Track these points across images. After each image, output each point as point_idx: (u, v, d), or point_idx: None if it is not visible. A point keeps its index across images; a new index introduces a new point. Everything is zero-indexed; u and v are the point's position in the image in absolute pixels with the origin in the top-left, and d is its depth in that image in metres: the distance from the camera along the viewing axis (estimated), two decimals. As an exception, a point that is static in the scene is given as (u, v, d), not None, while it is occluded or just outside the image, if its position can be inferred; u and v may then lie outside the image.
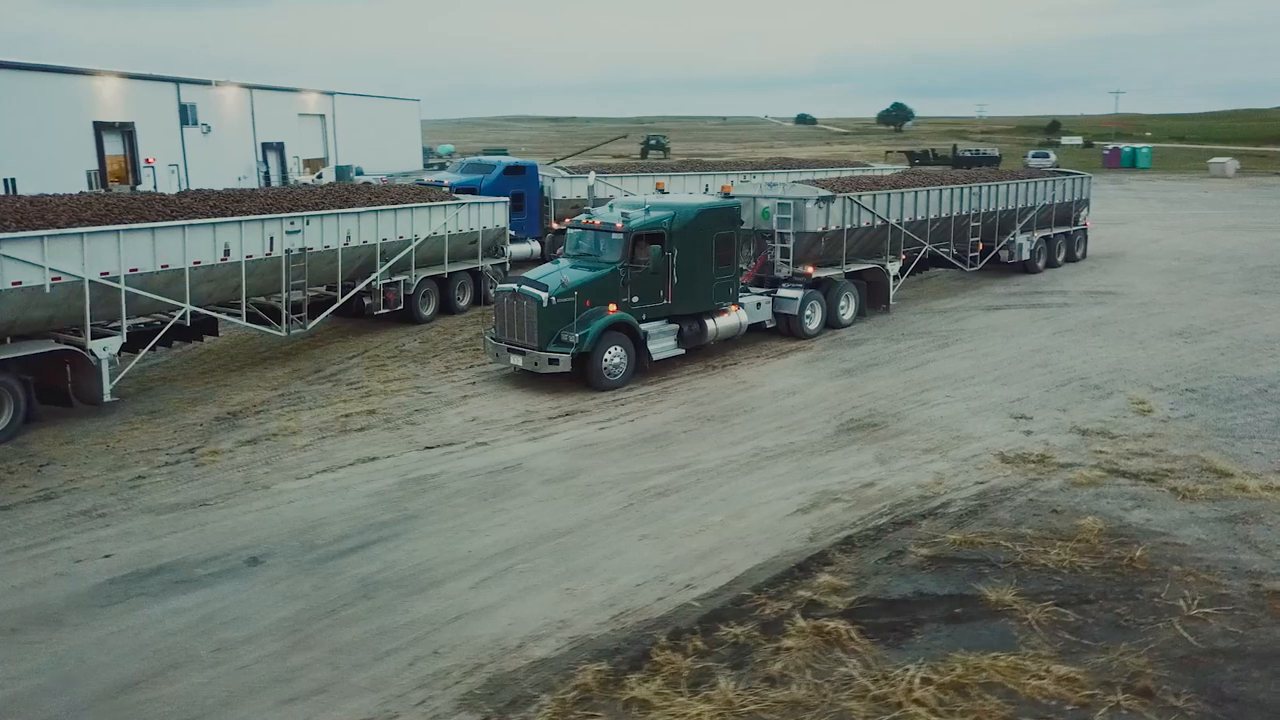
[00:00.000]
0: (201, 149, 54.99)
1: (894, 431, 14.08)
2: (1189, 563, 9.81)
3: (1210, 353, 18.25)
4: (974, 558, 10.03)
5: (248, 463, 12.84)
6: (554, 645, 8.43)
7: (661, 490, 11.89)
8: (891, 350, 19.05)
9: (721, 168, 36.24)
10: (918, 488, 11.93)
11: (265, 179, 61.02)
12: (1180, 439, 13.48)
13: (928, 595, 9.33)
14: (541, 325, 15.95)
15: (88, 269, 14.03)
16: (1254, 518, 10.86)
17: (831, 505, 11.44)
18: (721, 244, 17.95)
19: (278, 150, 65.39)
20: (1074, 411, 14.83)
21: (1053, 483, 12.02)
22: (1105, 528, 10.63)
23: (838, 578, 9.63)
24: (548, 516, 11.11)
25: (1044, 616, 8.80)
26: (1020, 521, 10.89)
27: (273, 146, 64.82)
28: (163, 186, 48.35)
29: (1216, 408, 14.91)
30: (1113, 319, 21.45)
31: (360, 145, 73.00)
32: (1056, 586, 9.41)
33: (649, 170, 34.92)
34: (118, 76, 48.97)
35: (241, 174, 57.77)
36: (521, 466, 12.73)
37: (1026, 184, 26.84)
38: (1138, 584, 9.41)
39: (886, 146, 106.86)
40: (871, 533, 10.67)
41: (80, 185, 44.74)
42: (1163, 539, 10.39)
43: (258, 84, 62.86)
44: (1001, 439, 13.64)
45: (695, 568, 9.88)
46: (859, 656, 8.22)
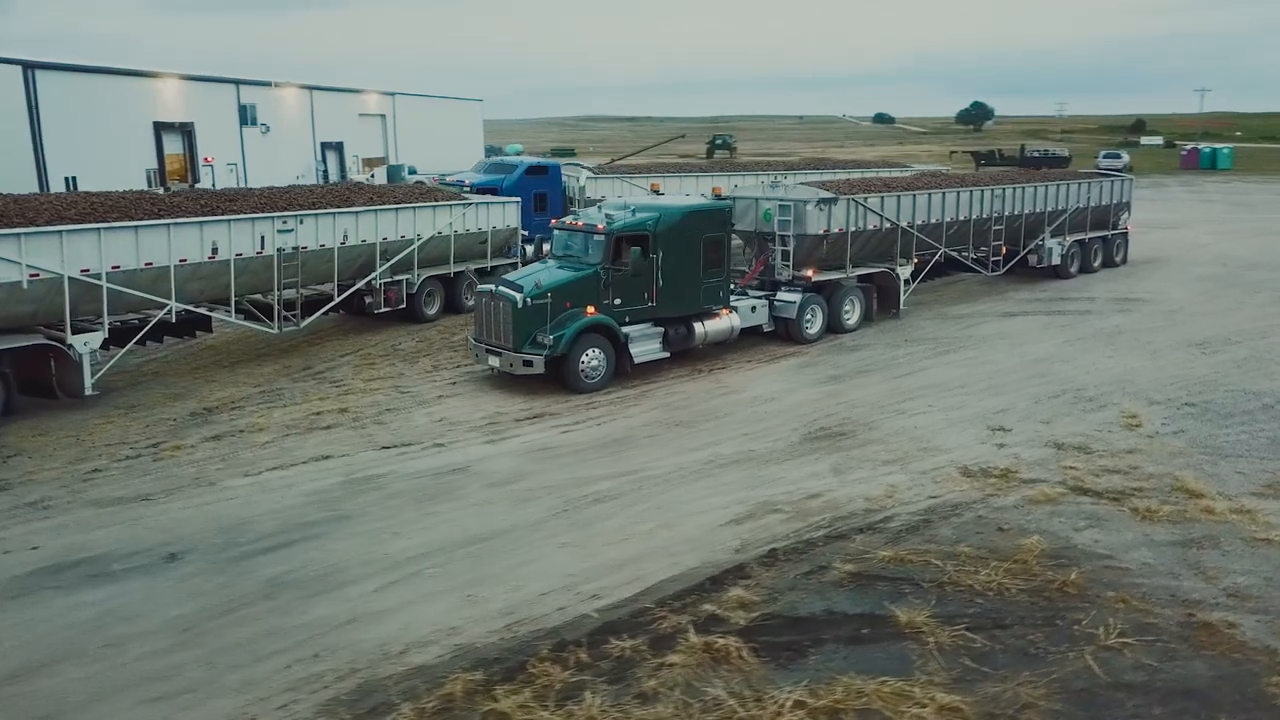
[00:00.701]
0: (260, 148, 56.34)
1: (860, 441, 13.66)
2: (1125, 588, 9.28)
3: (1225, 365, 17.35)
4: (899, 576, 9.65)
5: (205, 459, 13.03)
6: (437, 653, 8.33)
7: (600, 497, 11.71)
8: (888, 357, 18.54)
9: (752, 167, 35.80)
10: (865, 500, 11.54)
11: (324, 177, 62.33)
12: (1161, 456, 12.81)
13: (837, 614, 8.99)
14: (516, 326, 15.89)
15: (67, 266, 14.40)
16: (1212, 542, 10.24)
17: (769, 516, 11.13)
18: (710, 246, 17.67)
19: (337, 150, 66.70)
20: (1058, 424, 14.21)
21: (1009, 499, 11.52)
22: (1047, 548, 10.13)
23: (750, 592, 9.35)
24: (476, 521, 11.02)
25: (950, 641, 8.40)
26: (961, 539, 10.45)
27: (332, 146, 66.13)
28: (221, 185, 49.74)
29: (1212, 423, 14.14)
30: (1132, 327, 20.56)
31: (420, 145, 73.95)
32: (975, 609, 8.99)
33: (692, 170, 34.59)
34: (178, 78, 50.50)
35: (300, 173, 58.99)
36: (469, 469, 12.67)
37: (1057, 186, 25.91)
38: (1062, 609, 8.93)
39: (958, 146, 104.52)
40: (801, 546, 10.34)
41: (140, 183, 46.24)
42: (1105, 562, 9.86)
43: (318, 85, 64.24)
44: (971, 451, 13.13)
45: (607, 578, 9.68)
46: (743, 676, 7.95)
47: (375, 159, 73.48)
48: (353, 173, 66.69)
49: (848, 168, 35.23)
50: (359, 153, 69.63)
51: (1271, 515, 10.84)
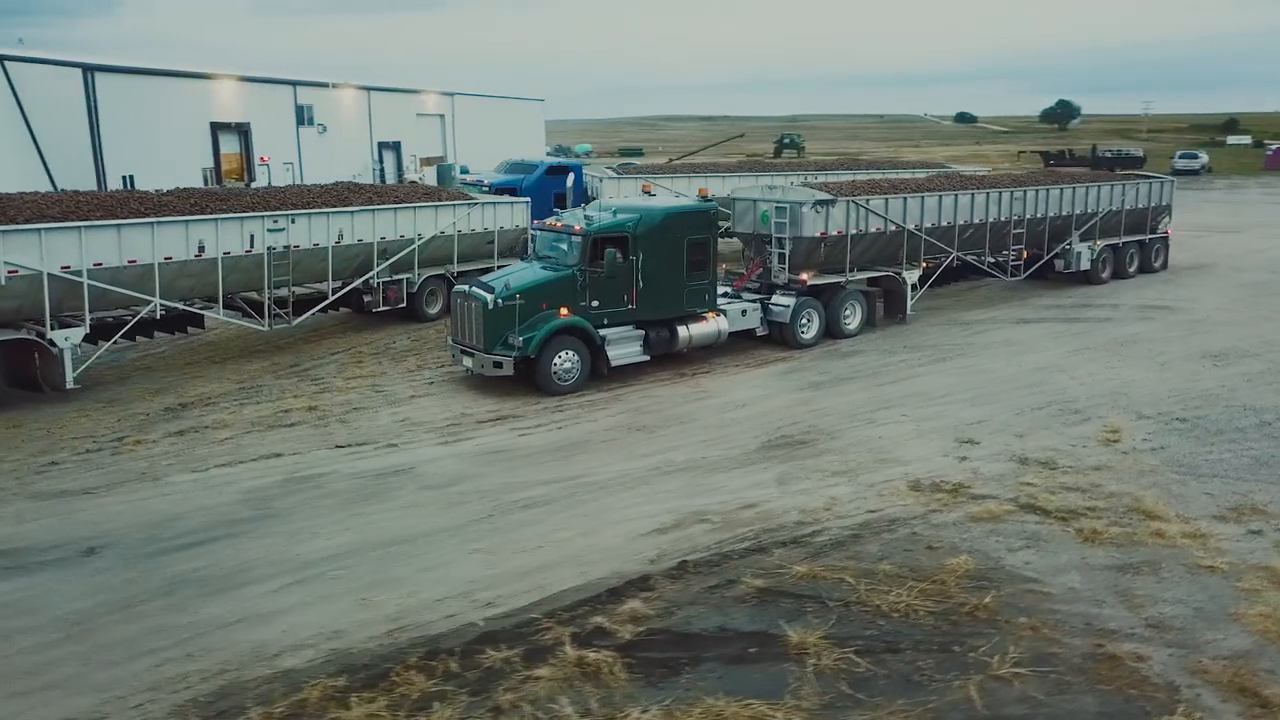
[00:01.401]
0: (317, 147, 57.53)
1: (818, 451, 13.27)
2: (1040, 614, 8.80)
3: (1235, 378, 16.45)
4: (806, 593, 9.30)
5: (161, 454, 13.26)
6: (309, 656, 8.28)
7: (531, 503, 11.57)
8: (880, 363, 18.02)
9: (784, 168, 35.24)
10: (800, 513, 11.19)
11: (380, 177, 63.44)
12: (1130, 474, 12.16)
13: (729, 631, 8.70)
14: (486, 327, 15.83)
15: (46, 263, 14.81)
16: (1151, 568, 9.66)
17: (696, 526, 10.85)
18: (694, 248, 17.38)
19: (394, 149, 67.82)
20: (1032, 438, 13.61)
21: (951, 515, 11.04)
22: (972, 569, 9.67)
23: (647, 605, 9.11)
24: (399, 523, 10.97)
25: (834, 664, 8.06)
26: (885, 556, 10.04)
27: (389, 145, 67.23)
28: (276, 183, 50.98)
29: (1198, 440, 13.39)
30: (1149, 336, 19.65)
31: (480, 144, 74.62)
32: (873, 632, 8.61)
33: (738, 170, 34.13)
34: (235, 79, 51.83)
35: (356, 172, 60.10)
36: (412, 471, 12.65)
37: (1085, 188, 24.91)
38: (965, 635, 8.50)
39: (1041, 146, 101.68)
40: (716, 559, 10.05)
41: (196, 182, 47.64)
42: (1030, 585, 9.37)
43: (376, 85, 65.36)
44: (929, 464, 12.64)
45: (508, 586, 9.53)
46: (607, 693, 7.73)
47: (433, 158, 74.60)
48: (409, 172, 67.88)
49: (882, 168, 34.44)
50: (417, 152, 70.71)
51: (1225, 540, 10.20)
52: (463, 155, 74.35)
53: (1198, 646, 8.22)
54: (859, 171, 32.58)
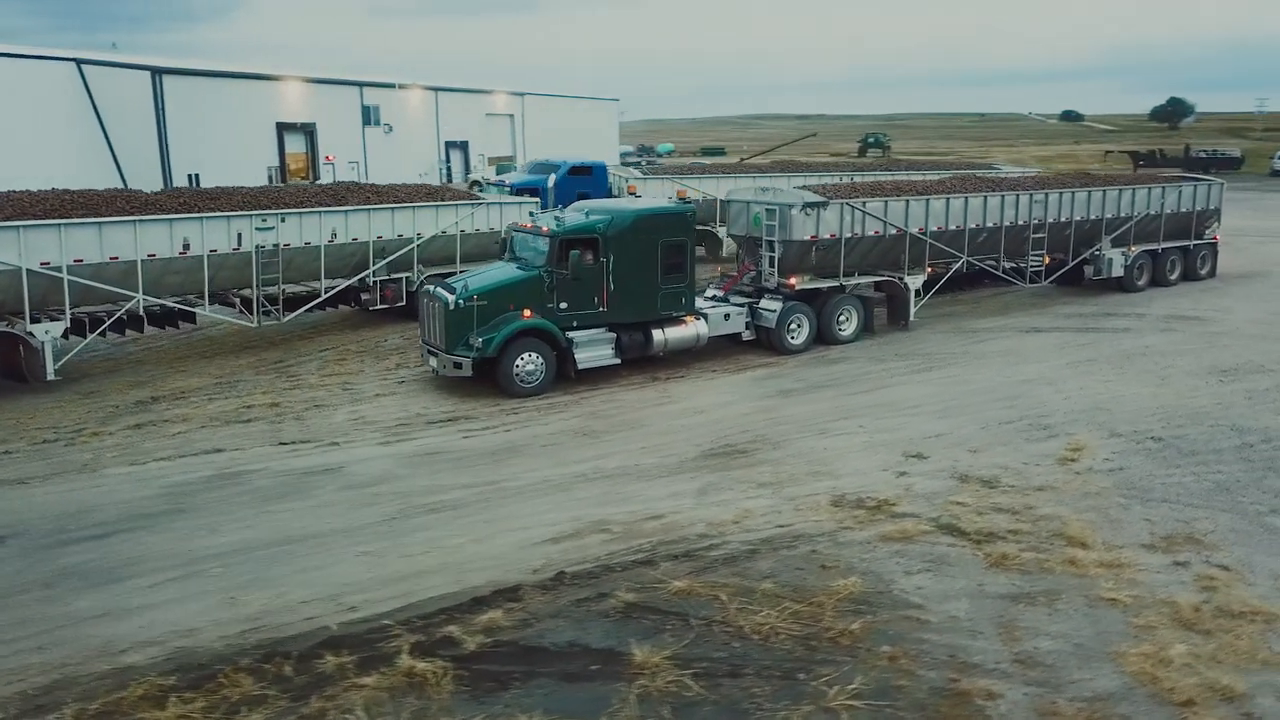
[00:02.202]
0: (382, 147, 58.75)
1: (755, 461, 12.87)
2: (906, 643, 8.32)
3: (1236, 395, 15.40)
4: (674, 610, 8.99)
5: (112, 446, 13.62)
6: (153, 654, 8.34)
7: (441, 506, 11.49)
8: (862, 371, 17.44)
9: (819, 168, 34.50)
10: (706, 525, 10.85)
11: (447, 176, 64.49)
12: (1072, 496, 11.46)
13: (578, 647, 8.46)
14: (448, 328, 15.84)
15: (26, 259, 15.37)
16: (1049, 597, 9.05)
17: (593, 536, 10.62)
18: (669, 251, 17.09)
19: (462, 149, 68.87)
20: (986, 454, 12.96)
21: (862, 534, 10.57)
22: (857, 592, 9.22)
23: (507, 616, 8.93)
24: (301, 523, 11.01)
25: (666, 687, 7.76)
26: (773, 574, 9.65)
27: (457, 145, 68.30)
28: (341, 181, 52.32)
29: (1165, 461, 12.55)
30: (1162, 349, 18.56)
31: (550, 144, 75.20)
32: (724, 654, 8.27)
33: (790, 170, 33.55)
34: (301, 81, 53.30)
35: (422, 171, 61.32)
36: (340, 470, 12.71)
37: (1118, 191, 23.70)
38: (817, 662, 8.09)
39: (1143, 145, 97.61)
40: (598, 570, 9.80)
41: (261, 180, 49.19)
42: (909, 612, 8.88)
43: (444, 86, 66.45)
44: (864, 479, 12.13)
45: (379, 590, 9.46)
46: (426, 705, 7.59)
47: (502, 158, 75.55)
48: (477, 171, 68.85)
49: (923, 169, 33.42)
50: (485, 152, 71.67)
51: (1143, 571, 9.50)
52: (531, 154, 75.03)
53: (1060, 686, 7.65)
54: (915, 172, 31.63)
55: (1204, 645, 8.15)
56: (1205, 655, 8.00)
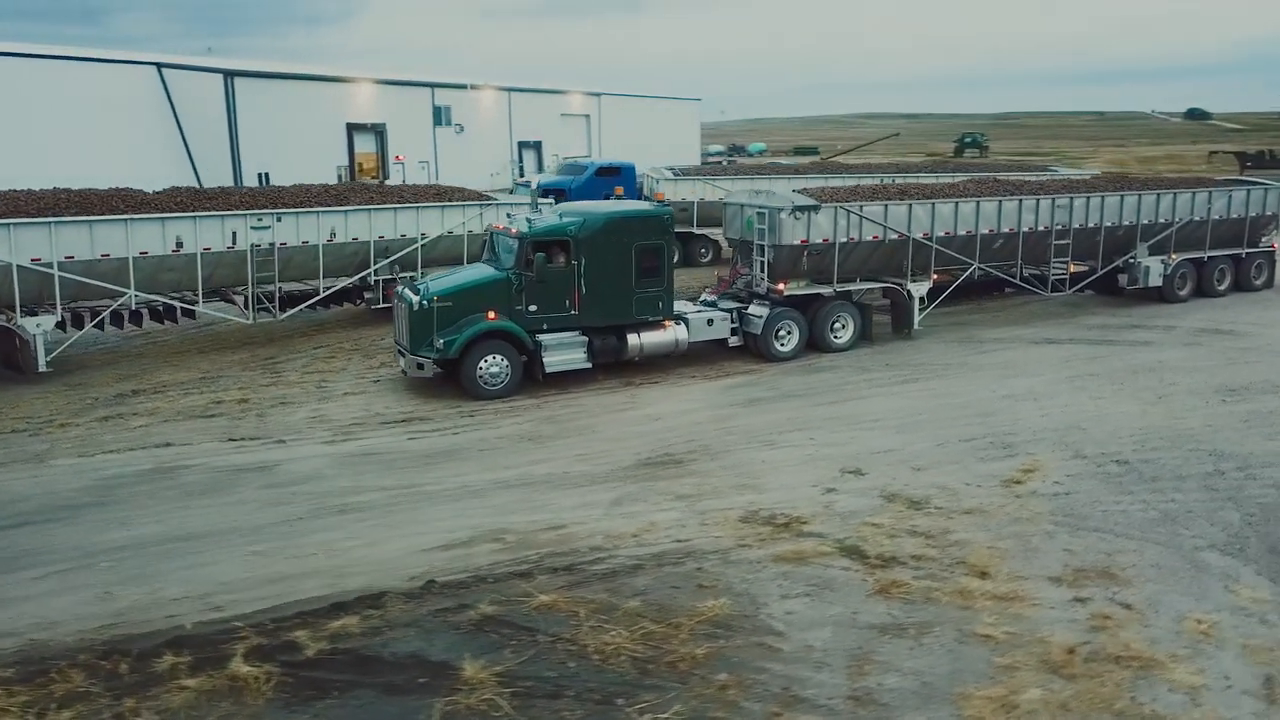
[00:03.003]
0: (453, 147, 59.72)
1: (686, 471, 12.53)
2: (746, 672, 7.94)
3: (1231, 417, 14.32)
4: (528, 625, 8.78)
5: (73, 437, 14.07)
6: (7, 645, 8.50)
7: (351, 508, 11.49)
8: (841, 381, 16.84)
9: (860, 170, 33.57)
10: (605, 537, 10.59)
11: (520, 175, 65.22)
12: (999, 521, 10.79)
13: (415, 659, 8.32)
14: (412, 328, 15.90)
15: (16, 255, 16.04)
16: (920, 629, 8.51)
17: (484, 545, 10.47)
18: (644, 254, 16.81)
19: (535, 149, 69.54)
20: (930, 472, 12.33)
21: (758, 552, 10.15)
22: (722, 615, 8.85)
23: (363, 623, 8.86)
24: (208, 519, 11.14)
25: (477, 704, 7.57)
26: (645, 592, 9.35)
27: (530, 145, 69.00)
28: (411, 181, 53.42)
29: (1118, 487, 11.72)
30: (1174, 364, 17.41)
31: (626, 144, 75.28)
32: (555, 674, 8.02)
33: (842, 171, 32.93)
34: (371, 82, 54.57)
35: (494, 171, 62.24)
36: (273, 468, 12.85)
37: (1156, 196, 22.33)
38: (645, 687, 7.78)
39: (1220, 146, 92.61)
40: (471, 581, 9.65)
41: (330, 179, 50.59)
42: (766, 639, 8.47)
43: (517, 86, 67.20)
44: (788, 494, 11.67)
45: (252, 590, 9.50)
46: (236, 709, 7.57)
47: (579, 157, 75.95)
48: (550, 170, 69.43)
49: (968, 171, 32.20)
50: (559, 152, 72.18)
51: (1035, 606, 8.87)
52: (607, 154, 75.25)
53: (884, 727, 7.18)
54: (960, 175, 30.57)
55: (1061, 691, 7.54)
56: (1057, 702, 7.40)
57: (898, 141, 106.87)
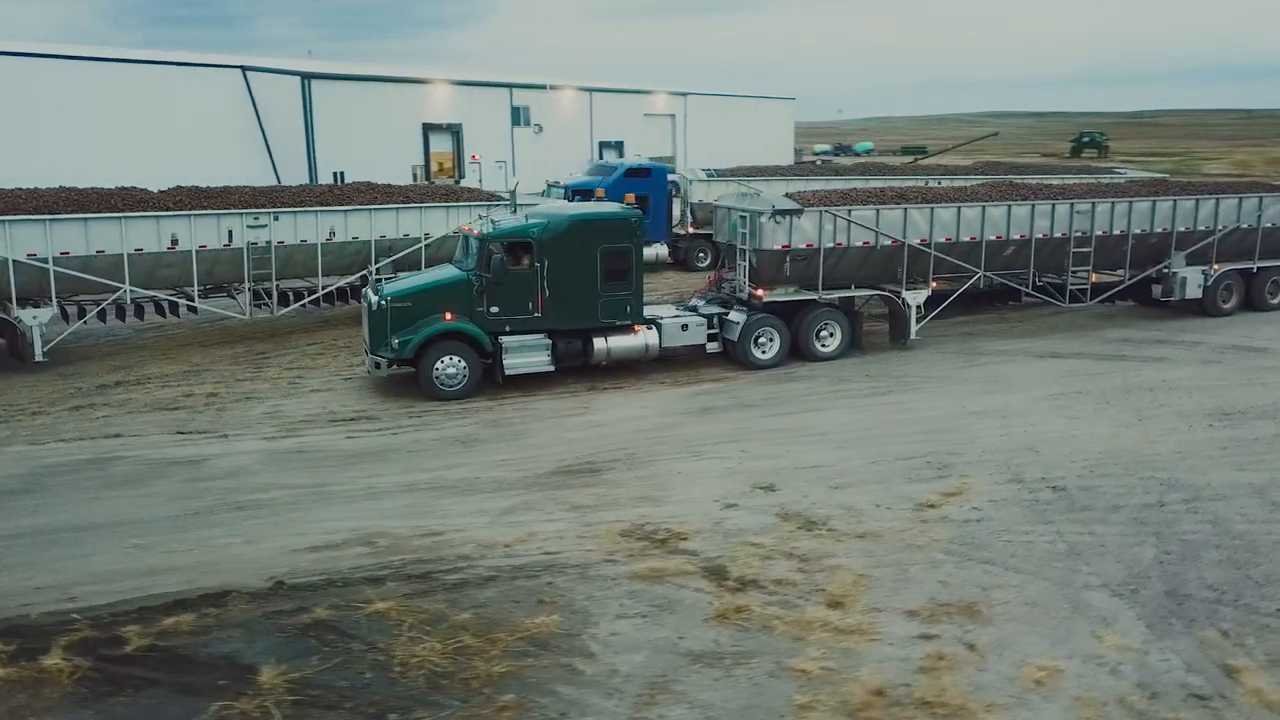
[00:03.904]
0: (531, 147, 60.37)
1: (595, 481, 12.26)
2: (536, 694, 7.69)
3: (1209, 444, 13.20)
4: (351, 632, 8.72)
5: (37, 426, 14.70)
6: None
7: (250, 505, 11.65)
8: (809, 392, 16.24)
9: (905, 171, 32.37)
10: (476, 546, 10.44)
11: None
12: (888, 548, 10.19)
13: (229, 660, 8.36)
14: (372, 328, 16.06)
15: (12, 250, 16.87)
16: (737, 660, 8.09)
17: (356, 548, 10.46)
18: (610, 257, 16.57)
19: (616, 149, 69.71)
20: (844, 491, 11.75)
21: (621, 569, 9.84)
22: (545, 632, 8.62)
23: (197, 621, 8.96)
24: (111, 511, 11.44)
25: (251, 710, 7.55)
26: (485, 605, 9.17)
27: (611, 145, 69.22)
28: (488, 182, 54.29)
29: (1039, 516, 10.92)
30: (1178, 384, 16.18)
31: (714, 144, 74.82)
32: (348, 684, 7.94)
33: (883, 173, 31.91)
34: (448, 83, 55.61)
35: (572, 170, 62.73)
36: (200, 463, 13.14)
37: (1195, 202, 20.80)
38: (426, 703, 7.62)
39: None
40: (321, 584, 9.65)
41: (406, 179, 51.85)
42: (575, 661, 8.19)
43: (599, 86, 67.53)
44: (686, 508, 11.30)
45: (115, 583, 9.70)
46: (28, 701, 7.74)
47: (663, 157, 75.87)
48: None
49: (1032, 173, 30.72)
50: (641, 152, 72.17)
51: (874, 642, 8.32)
52: (693, 154, 74.99)
53: (639, 763, 6.83)
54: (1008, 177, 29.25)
55: (845, 736, 7.04)
56: (832, 748, 6.91)
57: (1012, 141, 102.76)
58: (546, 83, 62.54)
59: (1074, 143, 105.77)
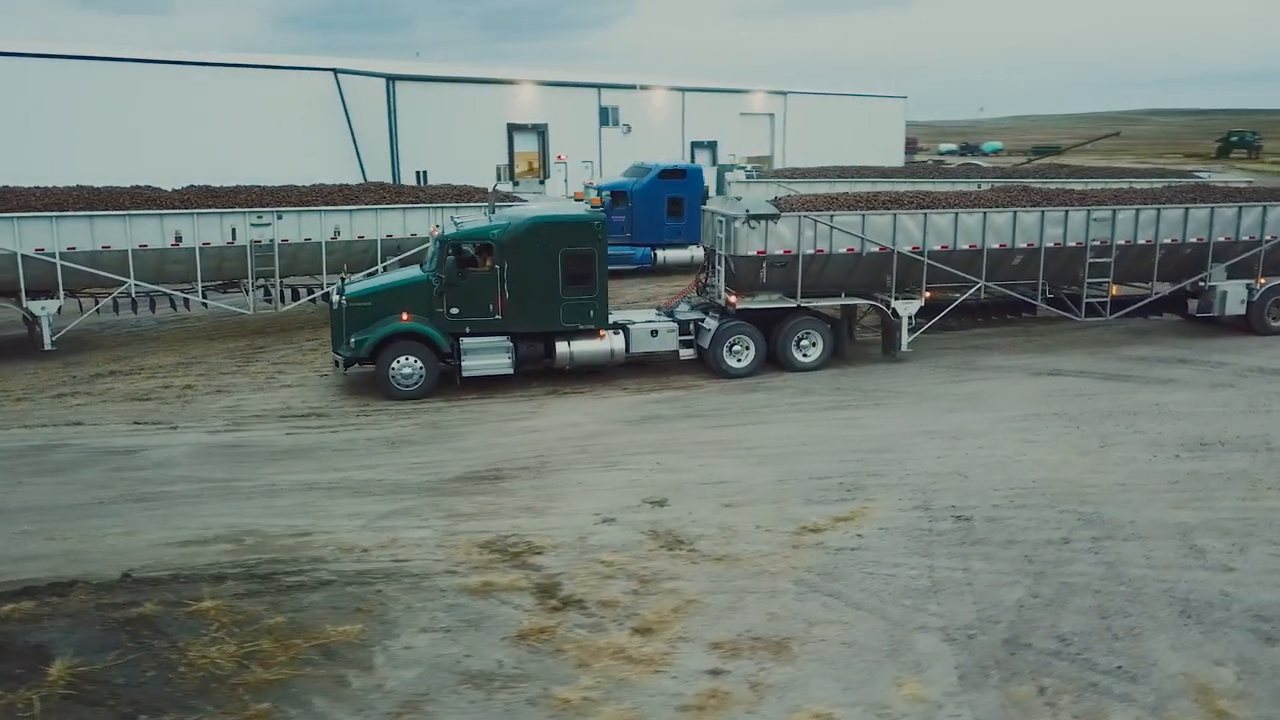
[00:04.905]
0: (619, 147, 60.48)
1: (492, 489, 12.13)
2: (291, 705, 7.65)
3: (1161, 477, 12.07)
4: (164, 629, 8.86)
5: (16, 411, 15.56)
6: None
7: (151, 497, 11.99)
8: (766, 404, 15.68)
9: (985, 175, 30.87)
10: (335, 549, 10.46)
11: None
12: (740, 574, 9.70)
13: (39, 650, 8.58)
14: (334, 327, 16.34)
15: (21, 245, 17.91)
16: (500, 684, 7.81)
17: (222, 544, 10.62)
18: (572, 261, 16.39)
19: (710, 149, 69.21)
20: (735, 510, 11.25)
21: (456, 580, 9.69)
22: (341, 641, 8.56)
23: (35, 609, 9.27)
24: (20, 497, 11.94)
25: (15, 700, 7.75)
26: (303, 610, 9.17)
27: (704, 145, 68.78)
28: (574, 182, 54.75)
29: (921, 549, 10.19)
30: (1169, 409, 14.88)
31: (815, 144, 73.48)
32: (124, 681, 8.07)
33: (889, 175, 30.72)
34: (534, 84, 56.26)
35: (663, 170, 62.71)
36: (134, 453, 13.61)
37: (1238, 209, 19.07)
38: (185, 706, 7.65)
39: None
40: (167, 579, 9.82)
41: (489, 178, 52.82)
42: (350, 673, 8.09)
43: (692, 86, 67.13)
44: (563, 520, 11.05)
45: (-28, 569, 10.17)
46: None
47: (761, 157, 75.00)
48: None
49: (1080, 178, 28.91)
50: (737, 151, 71.40)
51: (656, 675, 7.91)
52: (792, 154, 73.91)
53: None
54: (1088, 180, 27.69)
55: (558, 773, 6.70)
56: (536, 785, 6.58)
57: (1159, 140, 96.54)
58: (636, 83, 62.58)
59: (1221, 142, 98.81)
